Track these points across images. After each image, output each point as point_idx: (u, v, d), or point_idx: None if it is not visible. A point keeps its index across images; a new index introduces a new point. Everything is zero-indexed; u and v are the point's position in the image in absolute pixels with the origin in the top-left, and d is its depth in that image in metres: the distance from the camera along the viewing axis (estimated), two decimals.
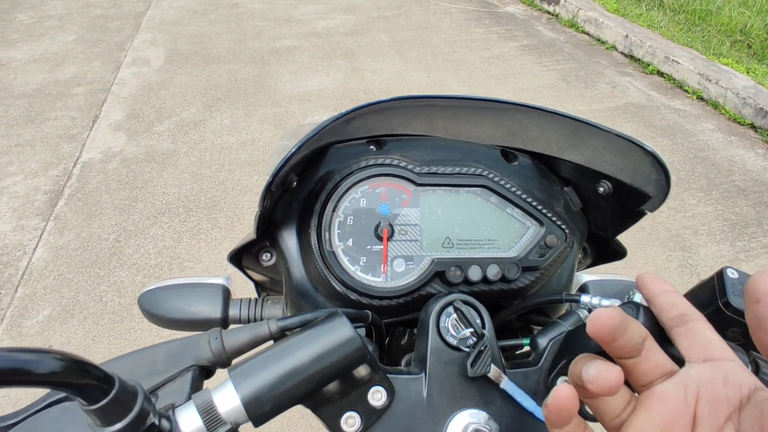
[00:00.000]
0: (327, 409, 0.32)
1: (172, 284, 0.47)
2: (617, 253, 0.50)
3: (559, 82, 3.22)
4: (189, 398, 0.28)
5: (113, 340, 1.63)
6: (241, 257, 0.47)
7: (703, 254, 2.01)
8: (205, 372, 0.32)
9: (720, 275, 0.34)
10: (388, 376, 0.34)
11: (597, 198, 0.47)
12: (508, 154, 0.49)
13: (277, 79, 3.20)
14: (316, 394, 0.30)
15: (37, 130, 2.70)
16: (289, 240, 0.43)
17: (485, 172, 0.45)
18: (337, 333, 0.30)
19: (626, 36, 3.53)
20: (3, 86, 3.09)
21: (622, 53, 3.59)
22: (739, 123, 2.80)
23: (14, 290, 1.78)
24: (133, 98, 2.98)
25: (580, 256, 0.51)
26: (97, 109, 2.89)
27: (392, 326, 0.47)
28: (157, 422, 0.25)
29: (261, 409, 0.28)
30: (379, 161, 0.43)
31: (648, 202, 0.43)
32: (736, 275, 0.34)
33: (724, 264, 1.96)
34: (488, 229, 0.45)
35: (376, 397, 0.33)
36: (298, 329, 0.32)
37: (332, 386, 0.31)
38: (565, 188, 0.49)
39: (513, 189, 0.45)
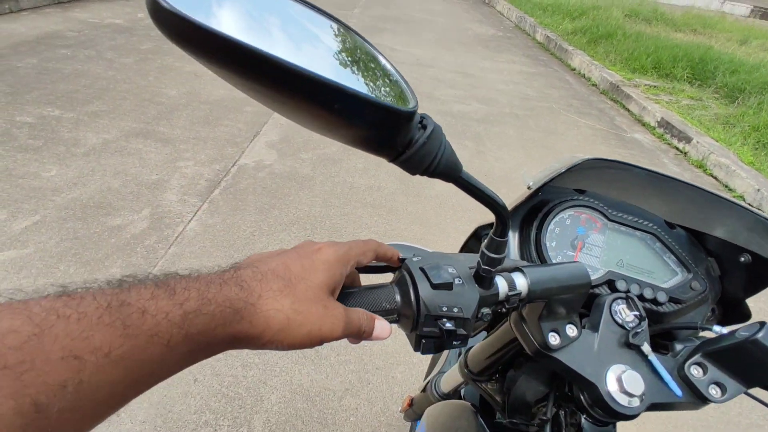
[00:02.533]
0: (543, 322, 0.49)
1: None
2: (743, 315, 0.62)
3: None
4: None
5: None
6: (470, 238, 0.66)
7: None
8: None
9: None
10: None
11: (735, 267, 0.61)
12: (669, 223, 0.65)
13: None
14: (547, 307, 0.48)
15: (211, 131, 3.26)
16: (512, 232, 0.62)
17: (654, 227, 0.61)
18: (582, 270, 0.47)
19: (758, 190, 3.49)
20: (194, 92, 3.79)
21: (750, 204, 3.53)
22: None
23: (168, 247, 2.15)
24: (288, 126, 3.48)
25: (709, 314, 0.64)
26: (259, 127, 3.42)
27: None
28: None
29: (535, 293, 0.46)
30: (586, 201, 0.62)
31: None
32: None
33: None
34: (650, 264, 0.60)
35: (571, 328, 0.50)
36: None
37: (548, 311, 0.49)
38: (709, 258, 0.64)
39: (673, 243, 0.61)
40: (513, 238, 0.63)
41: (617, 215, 0.61)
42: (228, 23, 0.27)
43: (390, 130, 0.34)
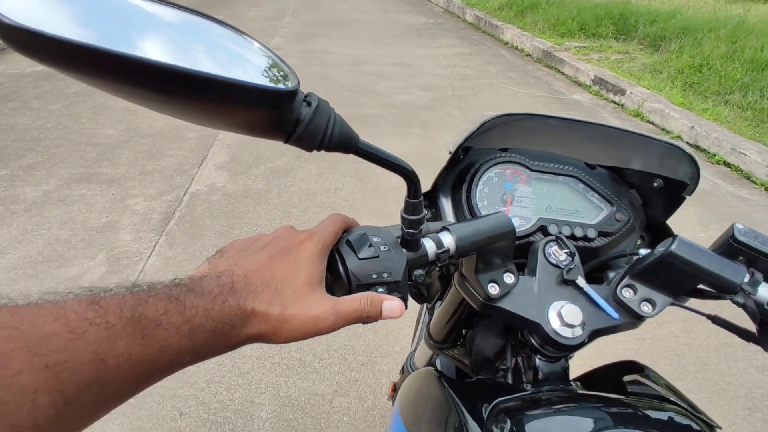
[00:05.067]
0: (481, 274, 0.51)
1: None
2: (668, 236, 0.66)
3: None
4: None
5: None
6: None
7: None
8: None
9: (731, 227, 0.51)
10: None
11: (652, 193, 0.65)
12: (589, 164, 0.69)
13: None
14: (482, 258, 0.50)
15: (157, 163, 3.17)
16: (445, 199, 0.65)
17: (575, 170, 0.65)
18: (504, 219, 0.50)
19: (692, 127, 3.68)
20: (132, 127, 3.68)
21: (687, 143, 3.72)
22: None
23: None
24: (235, 146, 3.43)
25: (639, 242, 0.68)
26: (206, 151, 3.36)
27: None
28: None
29: (464, 248, 0.48)
30: (507, 157, 0.64)
31: (687, 189, 0.61)
32: (742, 226, 0.51)
33: None
34: (577, 205, 0.64)
35: (509, 276, 0.52)
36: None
37: (482, 263, 0.51)
38: (630, 190, 0.68)
39: (594, 182, 0.64)
40: (447, 204, 0.65)
41: (539, 165, 0.65)
42: (76, 27, 0.27)
43: (274, 112, 0.35)
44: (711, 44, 4.95)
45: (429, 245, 0.47)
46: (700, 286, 0.51)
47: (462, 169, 0.66)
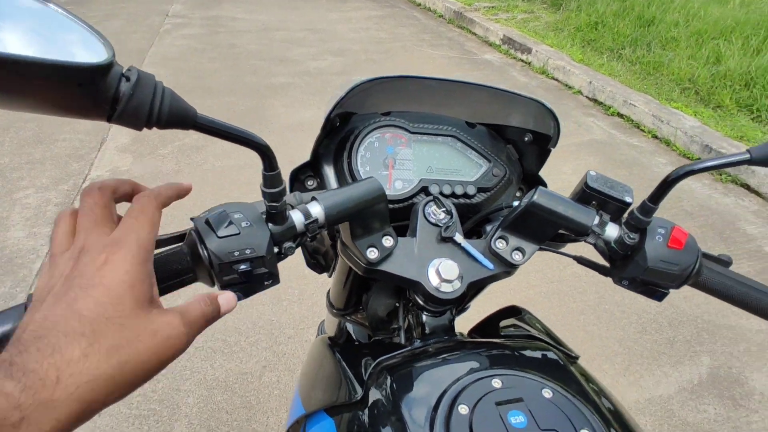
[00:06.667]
0: (358, 240, 0.52)
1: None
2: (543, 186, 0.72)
3: None
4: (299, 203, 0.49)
5: None
6: (293, 184, 0.67)
7: None
8: None
9: (585, 174, 0.56)
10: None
11: (525, 147, 0.70)
12: (469, 123, 0.71)
13: (273, 111, 3.47)
14: (357, 224, 0.51)
15: (47, 150, 2.88)
16: (328, 168, 0.65)
17: (454, 130, 0.67)
18: (374, 184, 0.50)
19: (590, 82, 3.93)
20: (11, 111, 3.28)
21: (587, 97, 3.98)
22: (688, 158, 3.14)
23: (29, 288, 1.91)
24: None
25: (518, 194, 0.73)
26: (104, 133, 3.09)
27: None
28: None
29: (333, 217, 0.48)
30: (387, 121, 0.65)
31: (551, 141, 0.66)
32: (594, 173, 0.56)
33: None
34: (456, 163, 0.67)
35: (387, 239, 0.54)
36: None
37: (360, 229, 0.52)
38: (507, 145, 0.72)
39: (472, 140, 0.67)
40: (330, 173, 0.65)
41: (418, 127, 0.66)
42: None
43: (86, 90, 0.32)
44: (605, 2, 5.26)
45: (297, 217, 0.47)
46: (561, 231, 0.56)
47: (343, 136, 0.66)
